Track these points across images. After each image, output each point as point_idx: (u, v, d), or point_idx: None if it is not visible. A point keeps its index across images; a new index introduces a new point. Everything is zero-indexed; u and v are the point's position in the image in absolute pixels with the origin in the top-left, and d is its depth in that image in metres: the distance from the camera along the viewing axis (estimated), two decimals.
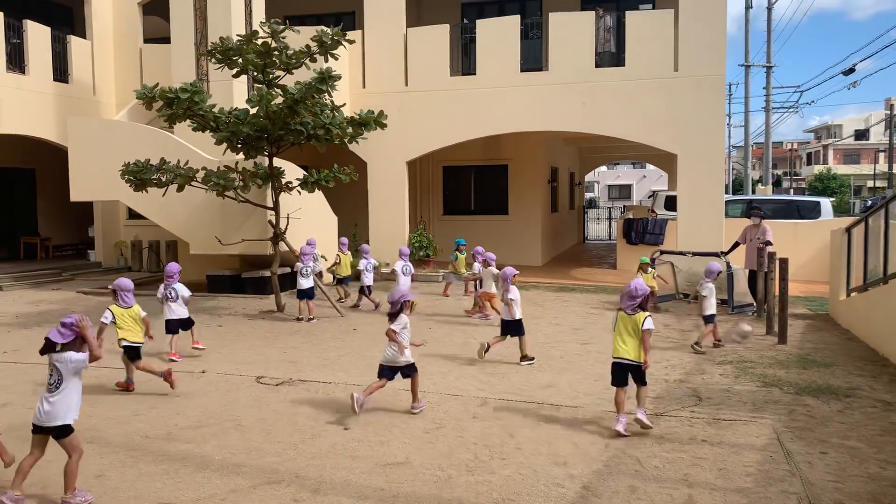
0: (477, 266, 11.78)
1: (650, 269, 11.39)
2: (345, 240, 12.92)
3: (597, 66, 14.91)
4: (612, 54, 14.89)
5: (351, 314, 11.56)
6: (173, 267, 8.62)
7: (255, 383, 7.48)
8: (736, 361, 8.32)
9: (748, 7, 32.55)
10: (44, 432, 4.58)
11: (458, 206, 19.31)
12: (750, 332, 9.13)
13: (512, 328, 8.29)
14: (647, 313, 5.91)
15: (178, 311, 8.52)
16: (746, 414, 6.38)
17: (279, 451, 5.53)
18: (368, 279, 12.03)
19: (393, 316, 6.34)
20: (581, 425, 6.09)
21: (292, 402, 6.79)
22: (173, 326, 8.53)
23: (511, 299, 8.21)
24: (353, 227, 16.81)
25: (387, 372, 6.42)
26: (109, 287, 7.01)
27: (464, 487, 4.86)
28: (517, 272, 8.40)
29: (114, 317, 7.01)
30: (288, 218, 11.83)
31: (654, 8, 17.70)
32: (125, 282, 7.16)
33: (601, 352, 8.78)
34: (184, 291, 8.54)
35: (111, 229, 18.56)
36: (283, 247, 11.76)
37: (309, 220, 13.06)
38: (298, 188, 11.86)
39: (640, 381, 5.98)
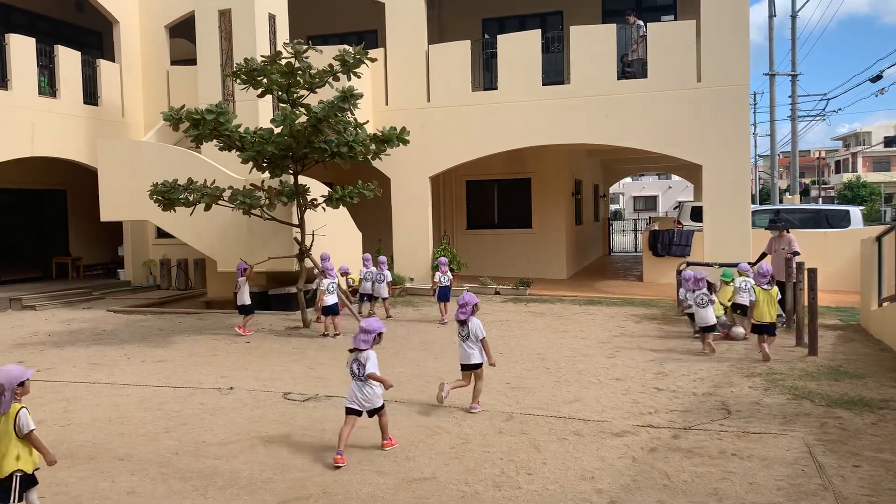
0: (438, 275, 12.34)
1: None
2: (367, 256, 13.04)
3: (630, 75, 14.90)
4: (643, 63, 14.81)
5: None
6: (241, 265, 11.66)
7: (282, 399, 7.53)
8: (765, 374, 8.22)
9: (772, 15, 32.36)
10: (469, 369, 7.00)
11: (482, 221, 19.34)
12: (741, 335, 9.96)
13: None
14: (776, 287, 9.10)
15: (245, 298, 11.56)
16: (777, 427, 6.29)
17: (306, 466, 5.57)
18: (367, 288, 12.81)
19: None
20: (608, 440, 6.05)
21: (319, 418, 6.82)
22: (244, 310, 11.61)
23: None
24: (378, 243, 16.89)
25: None
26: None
27: (490, 503, 4.85)
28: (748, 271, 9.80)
29: None
30: (313, 235, 11.94)
31: (675, 18, 17.66)
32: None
33: (628, 365, 8.73)
34: (245, 282, 11.62)
35: (140, 248, 18.84)
36: (308, 263, 11.87)
37: (334, 236, 13.17)
38: (323, 205, 11.98)
39: (772, 334, 8.94)
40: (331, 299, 11.06)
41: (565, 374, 8.31)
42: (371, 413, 5.85)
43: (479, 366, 6.95)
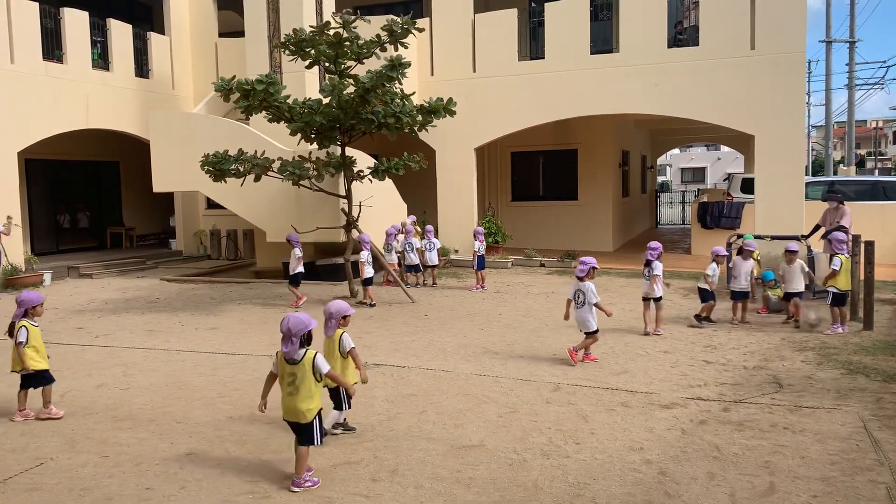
0: (477, 244, 12.58)
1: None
2: (410, 228, 13.13)
3: (682, 42, 14.55)
4: (697, 30, 14.45)
5: (422, 300, 11.67)
6: (293, 236, 11.44)
7: None
8: (818, 348, 8.07)
9: None
10: (649, 300, 8.78)
11: (527, 192, 19.23)
12: (818, 321, 9.09)
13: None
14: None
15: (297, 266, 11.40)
16: (830, 401, 6.19)
17: (358, 432, 5.68)
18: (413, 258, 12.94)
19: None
20: (656, 411, 6.03)
21: (368, 386, 6.91)
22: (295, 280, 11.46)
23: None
24: (422, 215, 16.94)
25: None
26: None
27: (539, 471, 4.89)
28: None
29: None
30: (360, 206, 12.03)
31: None
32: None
33: (676, 338, 8.66)
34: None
35: (191, 219, 19.24)
36: (355, 234, 11.98)
37: (380, 207, 13.25)
38: (369, 176, 12.04)
39: (842, 304, 8.87)
40: (369, 271, 11.27)
41: (612, 346, 8.28)
42: (588, 335, 7.48)
43: (659, 298, 8.77)
